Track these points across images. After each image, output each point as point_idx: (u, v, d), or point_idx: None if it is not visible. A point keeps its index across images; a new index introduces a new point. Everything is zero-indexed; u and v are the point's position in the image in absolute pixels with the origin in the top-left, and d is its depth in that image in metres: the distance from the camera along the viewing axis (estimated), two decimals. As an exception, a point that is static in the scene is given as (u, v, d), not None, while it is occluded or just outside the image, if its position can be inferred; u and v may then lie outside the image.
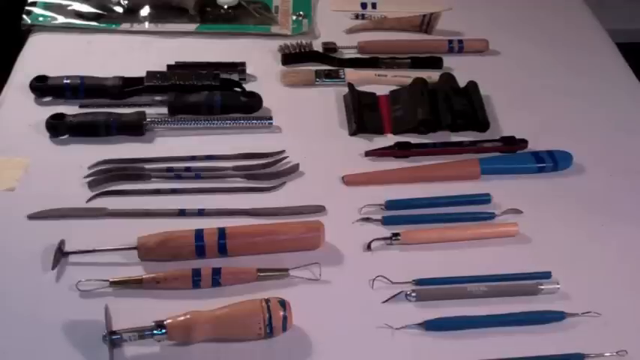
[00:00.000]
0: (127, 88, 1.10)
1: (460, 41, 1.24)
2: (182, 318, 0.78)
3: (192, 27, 1.26)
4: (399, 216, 0.94)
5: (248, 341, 0.79)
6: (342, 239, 0.91)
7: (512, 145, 1.05)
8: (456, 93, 1.12)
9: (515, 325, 0.82)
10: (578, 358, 0.79)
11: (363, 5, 1.35)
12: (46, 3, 1.27)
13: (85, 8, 1.26)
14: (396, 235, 0.90)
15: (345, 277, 0.87)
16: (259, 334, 0.79)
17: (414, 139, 1.06)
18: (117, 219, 0.93)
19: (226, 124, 1.07)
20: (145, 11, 1.27)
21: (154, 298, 0.84)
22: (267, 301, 0.79)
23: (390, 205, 0.95)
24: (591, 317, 0.83)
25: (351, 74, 1.17)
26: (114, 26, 1.25)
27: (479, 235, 0.92)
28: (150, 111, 1.07)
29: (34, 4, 1.27)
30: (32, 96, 1.10)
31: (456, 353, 0.80)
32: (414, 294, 0.84)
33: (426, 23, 1.28)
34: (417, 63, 1.21)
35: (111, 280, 0.83)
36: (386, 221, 0.94)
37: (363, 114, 1.09)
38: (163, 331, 0.77)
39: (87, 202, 0.95)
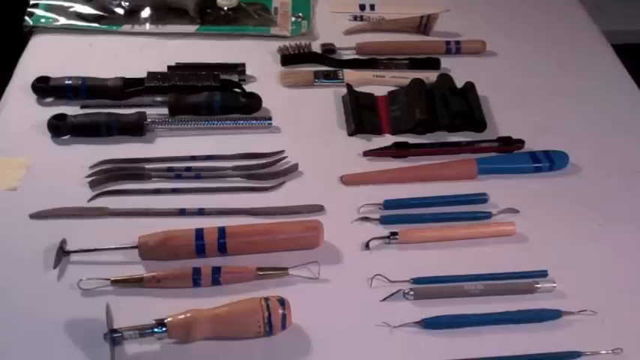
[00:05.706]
0: (127, 88, 1.10)
1: (457, 42, 1.24)
2: (182, 316, 0.78)
3: (192, 28, 1.26)
4: (397, 215, 0.95)
5: (248, 339, 0.80)
6: (340, 238, 0.92)
7: (509, 145, 1.06)
8: (454, 93, 1.12)
9: (512, 324, 0.83)
10: (574, 356, 0.80)
11: (362, 7, 1.36)
12: (47, 5, 1.27)
13: (87, 10, 1.27)
14: (394, 234, 0.91)
15: (343, 275, 0.88)
16: (259, 333, 0.79)
17: (411, 139, 1.07)
18: (118, 218, 0.93)
19: (226, 124, 1.07)
20: (146, 13, 1.28)
21: (155, 296, 0.84)
22: (267, 299, 0.80)
23: (388, 204, 0.96)
24: (587, 315, 0.84)
25: (349, 75, 1.18)
26: (115, 28, 1.25)
27: (476, 234, 0.93)
28: (150, 111, 1.07)
29: (35, 5, 1.27)
30: (34, 97, 1.10)
31: (453, 351, 0.80)
32: (411, 292, 0.85)
33: (423, 24, 1.29)
34: (414, 64, 1.22)
35: (112, 278, 0.84)
36: (384, 220, 0.94)
37: (361, 114, 1.10)
38: (164, 329, 0.77)
39: (88, 201, 0.95)
